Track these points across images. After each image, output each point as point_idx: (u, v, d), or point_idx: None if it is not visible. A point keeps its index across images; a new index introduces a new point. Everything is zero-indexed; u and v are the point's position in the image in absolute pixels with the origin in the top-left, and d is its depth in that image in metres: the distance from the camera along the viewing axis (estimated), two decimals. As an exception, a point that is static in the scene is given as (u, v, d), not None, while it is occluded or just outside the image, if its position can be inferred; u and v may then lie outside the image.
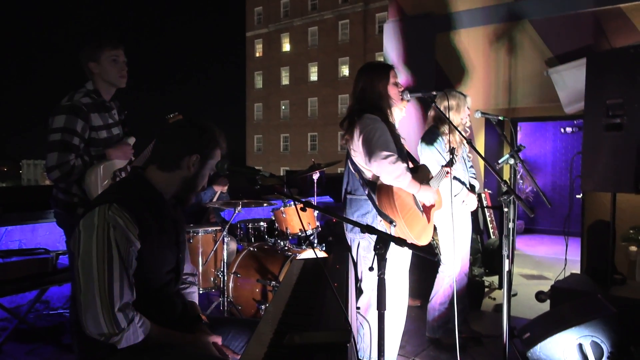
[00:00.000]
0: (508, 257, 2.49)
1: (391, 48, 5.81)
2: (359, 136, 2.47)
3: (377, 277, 1.56)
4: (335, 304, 1.58)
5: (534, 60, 4.90)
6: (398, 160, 2.37)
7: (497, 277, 4.88)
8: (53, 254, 3.41)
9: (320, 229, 4.42)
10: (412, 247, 1.56)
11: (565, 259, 4.47)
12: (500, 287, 4.75)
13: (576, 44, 4.60)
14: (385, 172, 2.38)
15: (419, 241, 2.47)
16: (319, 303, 1.68)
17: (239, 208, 3.87)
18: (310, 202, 1.81)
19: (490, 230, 5.69)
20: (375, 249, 1.53)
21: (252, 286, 3.69)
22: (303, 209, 1.68)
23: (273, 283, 3.56)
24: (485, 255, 5.20)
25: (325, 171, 6.76)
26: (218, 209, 5.22)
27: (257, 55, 44.17)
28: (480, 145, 5.37)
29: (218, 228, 4.16)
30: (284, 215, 4.17)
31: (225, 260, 3.75)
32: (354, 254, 2.60)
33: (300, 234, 4.21)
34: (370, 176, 2.53)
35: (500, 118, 3.26)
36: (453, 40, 5.40)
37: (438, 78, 5.45)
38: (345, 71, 38.26)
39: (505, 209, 2.52)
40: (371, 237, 2.47)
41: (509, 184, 2.55)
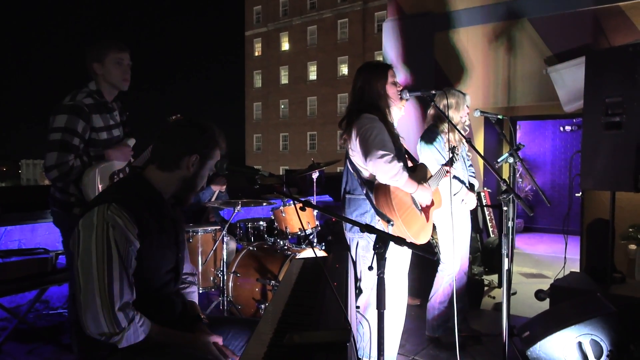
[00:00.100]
0: (507, 256, 2.49)
1: (390, 47, 5.81)
2: (356, 136, 2.47)
3: (377, 277, 1.56)
4: (334, 303, 1.58)
5: (533, 58, 4.90)
6: (394, 159, 2.37)
7: (497, 275, 4.89)
8: (52, 253, 3.41)
9: (319, 228, 4.42)
10: (412, 246, 1.56)
11: (565, 257, 4.48)
12: (499, 286, 4.76)
13: (575, 42, 4.60)
14: (382, 172, 2.38)
15: (418, 240, 2.47)
16: (319, 302, 1.68)
17: (238, 207, 3.87)
18: (310, 202, 1.80)
19: (490, 229, 5.70)
20: (375, 248, 1.53)
21: (251, 285, 3.69)
22: (302, 208, 1.68)
23: (273, 282, 3.56)
24: (484, 254, 5.21)
25: (325, 170, 6.75)
26: (217, 209, 5.22)
27: (256, 54, 44.13)
28: (480, 144, 5.37)
29: (217, 227, 4.16)
30: (284, 215, 4.17)
31: (225, 260, 3.75)
32: (353, 253, 2.60)
33: (299, 233, 4.21)
34: (368, 175, 2.53)
35: (500, 117, 3.26)
36: (452, 39, 5.40)
37: (437, 77, 5.45)
38: (344, 70, 38.23)
39: (505, 208, 2.52)
40: (370, 236, 2.47)
41: (508, 182, 2.55)
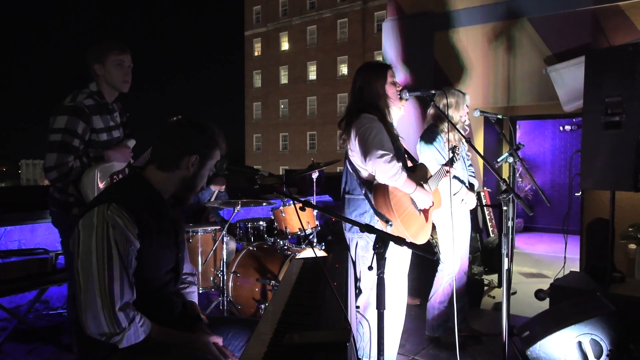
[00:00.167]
0: (507, 256, 2.49)
1: (390, 47, 5.81)
2: (355, 136, 2.47)
3: (377, 277, 1.56)
4: (334, 303, 1.58)
5: (532, 58, 4.90)
6: (393, 159, 2.37)
7: (497, 275, 4.89)
8: (52, 254, 3.42)
9: (319, 228, 4.42)
10: (411, 246, 1.56)
11: (565, 257, 4.48)
12: (499, 286, 4.76)
13: (575, 42, 4.60)
14: (380, 171, 2.38)
15: (417, 240, 2.47)
16: (319, 302, 1.68)
17: (238, 207, 3.87)
18: (309, 202, 1.80)
19: (490, 229, 5.70)
20: (375, 248, 1.53)
21: (251, 285, 3.69)
22: (302, 208, 1.68)
23: (272, 282, 3.56)
24: (484, 254, 5.21)
25: (325, 170, 6.75)
26: (217, 209, 5.22)
27: (255, 54, 44.10)
28: (479, 144, 5.37)
29: (217, 227, 4.16)
30: (284, 215, 4.17)
31: (225, 260, 3.75)
32: (352, 253, 2.60)
33: (299, 233, 4.21)
34: (367, 176, 2.53)
35: (499, 116, 3.26)
36: (452, 39, 5.40)
37: (437, 76, 5.44)
38: (344, 70, 38.22)
39: (505, 208, 2.52)
40: (369, 236, 2.47)
41: (508, 182, 2.55)
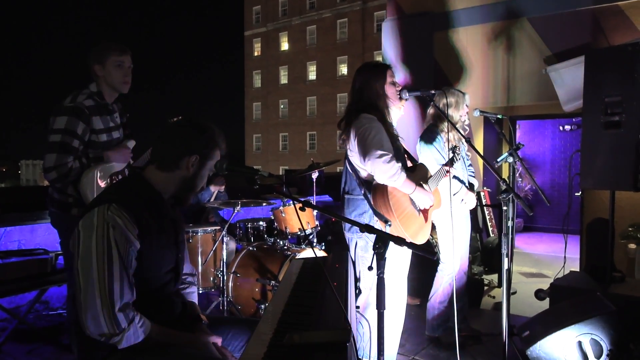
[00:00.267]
0: (507, 256, 2.49)
1: (389, 46, 5.81)
2: (354, 136, 2.47)
3: (377, 277, 1.56)
4: (334, 303, 1.58)
5: (532, 58, 4.90)
6: (392, 159, 2.36)
7: (497, 275, 4.89)
8: (52, 254, 3.41)
9: (319, 228, 4.41)
10: (411, 246, 1.56)
11: (565, 256, 4.47)
12: (499, 286, 4.76)
13: (574, 42, 4.60)
14: (379, 171, 2.38)
15: (416, 240, 2.47)
16: (319, 302, 1.68)
17: (238, 207, 3.87)
18: (309, 202, 1.80)
19: (490, 229, 5.70)
20: (374, 248, 1.53)
21: (251, 286, 3.69)
22: (302, 208, 1.68)
23: (272, 282, 3.56)
24: (484, 254, 5.21)
25: (324, 170, 6.75)
26: (217, 209, 5.22)
27: (255, 54, 44.10)
28: (479, 144, 5.37)
29: (217, 228, 4.16)
30: (283, 215, 4.17)
31: (225, 260, 3.75)
32: (351, 253, 2.60)
33: (299, 233, 4.21)
34: (366, 176, 2.53)
35: (499, 116, 3.26)
36: (451, 39, 5.40)
37: (436, 76, 5.44)
38: (343, 70, 38.21)
39: (505, 207, 2.52)
40: (368, 236, 2.47)
41: (507, 182, 2.55)
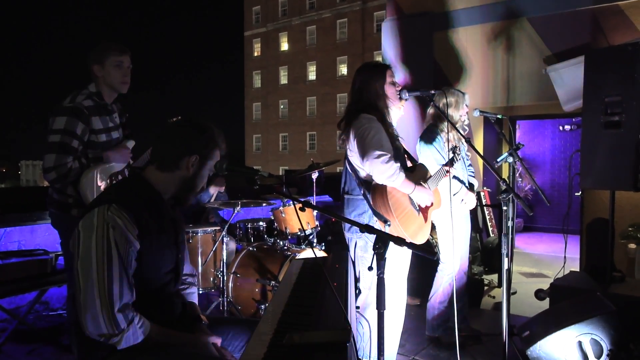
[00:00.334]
0: (507, 256, 2.49)
1: (389, 46, 5.81)
2: (354, 136, 2.47)
3: (377, 277, 1.56)
4: (334, 304, 1.58)
5: (532, 58, 4.90)
6: (391, 160, 2.36)
7: (497, 275, 4.89)
8: (52, 255, 3.42)
9: (319, 228, 4.41)
10: (411, 246, 1.56)
11: (565, 256, 4.48)
12: (499, 286, 4.75)
13: (574, 41, 4.60)
14: (378, 172, 2.37)
15: (415, 241, 2.47)
16: (319, 302, 1.68)
17: (238, 208, 3.87)
18: (309, 202, 1.80)
19: (490, 229, 5.70)
20: (374, 248, 1.53)
21: (251, 286, 3.69)
22: (302, 208, 1.68)
23: (272, 283, 3.56)
24: (484, 254, 5.21)
25: (324, 170, 6.74)
26: (217, 209, 5.22)
27: (255, 54, 44.11)
28: (479, 144, 5.36)
29: (217, 228, 4.15)
30: (283, 215, 4.17)
31: (225, 260, 3.75)
32: (351, 253, 2.60)
33: (299, 233, 4.21)
34: (365, 176, 2.53)
35: (499, 116, 3.26)
36: (451, 39, 5.40)
37: (436, 76, 5.44)
38: (343, 70, 38.21)
39: (505, 208, 2.52)
40: (368, 236, 2.47)
41: (507, 182, 2.55)
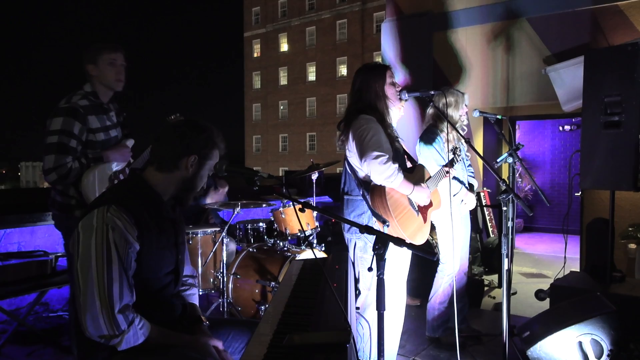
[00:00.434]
0: (507, 256, 2.49)
1: (389, 47, 5.81)
2: (353, 137, 2.47)
3: (377, 278, 1.56)
4: (334, 304, 1.58)
5: (532, 58, 4.91)
6: (389, 160, 2.36)
7: (497, 275, 4.88)
8: (52, 256, 3.41)
9: (319, 229, 4.41)
10: (411, 246, 1.56)
11: (565, 257, 4.48)
12: (499, 286, 4.75)
13: (574, 42, 4.61)
14: (376, 172, 2.37)
15: (414, 241, 2.46)
16: (319, 303, 1.68)
17: (237, 209, 3.86)
18: (309, 203, 1.80)
19: (490, 229, 5.70)
20: (374, 249, 1.53)
21: (251, 287, 3.68)
22: (302, 209, 1.68)
23: (272, 284, 3.55)
24: (484, 254, 5.21)
25: (324, 171, 6.74)
26: (216, 210, 5.21)
27: (255, 55, 44.13)
28: (479, 144, 5.37)
29: (217, 229, 4.15)
30: (283, 216, 4.17)
31: (225, 261, 3.74)
32: (351, 254, 2.60)
33: (299, 234, 4.20)
34: (364, 176, 2.52)
35: (499, 117, 3.26)
36: (451, 39, 5.40)
37: (436, 77, 5.45)
38: (343, 71, 38.22)
39: (504, 208, 2.52)
40: (367, 237, 2.47)
41: (507, 182, 2.55)
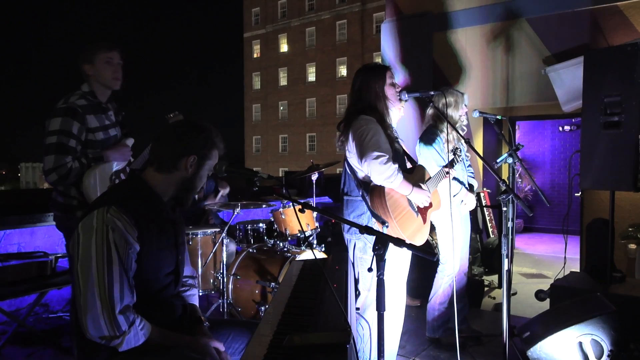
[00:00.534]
0: (507, 256, 2.49)
1: (389, 47, 5.81)
2: (352, 137, 2.47)
3: (377, 278, 1.56)
4: (334, 305, 1.58)
5: (531, 58, 4.91)
6: (389, 161, 2.36)
7: (497, 276, 4.88)
8: (52, 257, 3.41)
9: (319, 229, 4.41)
10: (411, 247, 1.55)
11: (565, 257, 4.48)
12: (499, 286, 4.75)
13: (574, 42, 4.61)
14: (376, 173, 2.37)
15: (413, 242, 2.46)
16: (319, 304, 1.68)
17: (237, 209, 3.86)
18: (309, 204, 1.80)
19: (490, 229, 5.70)
20: (374, 249, 1.53)
21: (251, 287, 3.68)
22: (302, 210, 1.68)
23: (272, 284, 3.55)
24: (484, 255, 5.21)
25: (324, 172, 6.74)
26: (216, 211, 5.21)
27: (255, 56, 44.15)
28: (479, 145, 5.37)
29: (217, 230, 4.15)
30: (283, 217, 4.16)
31: (225, 262, 3.74)
32: (350, 254, 2.60)
33: (299, 235, 4.20)
34: (364, 177, 2.53)
35: (498, 117, 3.26)
36: (450, 40, 5.40)
37: (436, 77, 5.45)
38: (343, 71, 38.23)
39: (504, 208, 2.52)
40: (367, 237, 2.46)
41: (507, 183, 2.55)
